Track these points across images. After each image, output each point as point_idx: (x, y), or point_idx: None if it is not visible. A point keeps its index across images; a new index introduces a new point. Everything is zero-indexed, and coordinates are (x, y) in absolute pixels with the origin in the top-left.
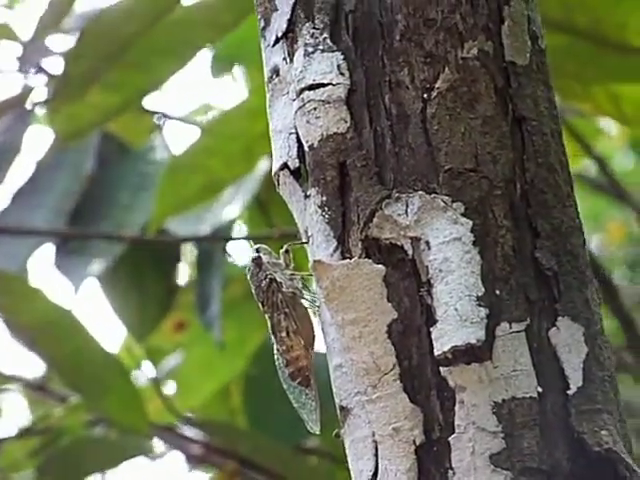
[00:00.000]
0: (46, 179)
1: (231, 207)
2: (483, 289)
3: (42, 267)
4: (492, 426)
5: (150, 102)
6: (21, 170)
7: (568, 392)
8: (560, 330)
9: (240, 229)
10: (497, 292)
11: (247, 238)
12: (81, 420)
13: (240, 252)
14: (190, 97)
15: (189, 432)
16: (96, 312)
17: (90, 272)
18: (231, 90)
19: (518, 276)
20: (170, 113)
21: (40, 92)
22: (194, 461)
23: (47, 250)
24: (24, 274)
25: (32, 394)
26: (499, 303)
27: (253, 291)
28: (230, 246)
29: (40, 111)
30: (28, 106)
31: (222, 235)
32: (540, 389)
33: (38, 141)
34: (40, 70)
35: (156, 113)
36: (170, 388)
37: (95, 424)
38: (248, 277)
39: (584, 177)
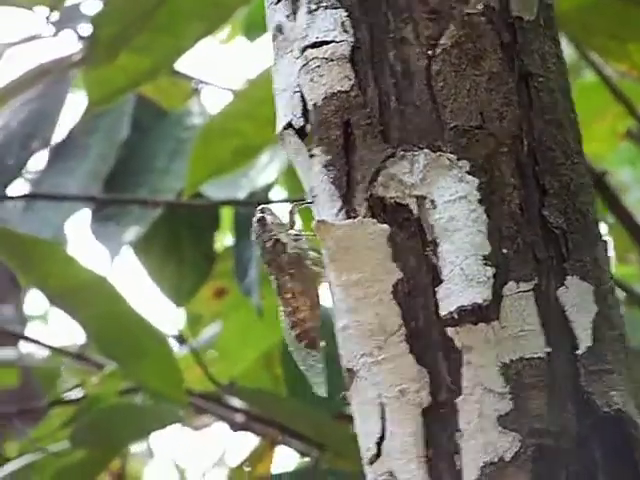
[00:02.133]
0: (81, 144)
1: (268, 171)
2: (490, 248)
3: (79, 233)
4: (499, 387)
5: (187, 67)
6: (59, 136)
7: (577, 352)
8: (569, 289)
9: (278, 193)
10: (504, 251)
11: (285, 201)
12: (117, 388)
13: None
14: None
15: (230, 400)
16: (133, 279)
17: (126, 239)
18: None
19: (525, 235)
20: (207, 78)
21: (76, 57)
22: (235, 429)
23: (83, 216)
24: (60, 240)
25: (73, 363)
26: (506, 262)
27: (258, 252)
28: None
29: (76, 76)
30: (66, 71)
31: (259, 199)
32: (548, 349)
33: (77, 106)
34: (76, 35)
35: (193, 78)
36: (211, 356)
37: (131, 392)
38: (253, 238)
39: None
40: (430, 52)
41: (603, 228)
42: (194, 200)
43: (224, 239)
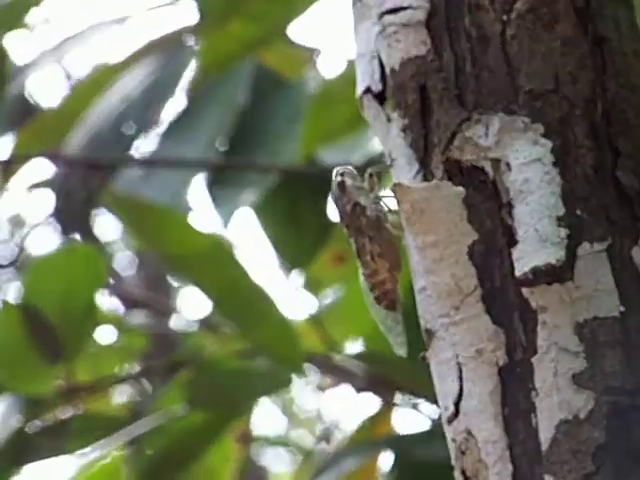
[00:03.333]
0: (199, 111)
1: None
2: (563, 209)
3: (198, 198)
4: (574, 346)
5: (303, 34)
6: (177, 104)
7: None
8: None
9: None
10: (578, 212)
11: (388, 165)
12: (234, 350)
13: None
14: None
15: (352, 364)
16: (253, 244)
17: (241, 203)
18: None
19: (599, 196)
20: (325, 45)
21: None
22: (359, 391)
23: (201, 182)
24: (181, 206)
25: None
26: (580, 223)
27: (337, 215)
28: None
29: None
30: (185, 41)
31: (375, 164)
32: (622, 308)
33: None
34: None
35: (310, 46)
36: (330, 321)
37: (251, 355)
38: (332, 201)
39: None
40: (505, 17)
41: None
42: (312, 166)
43: None
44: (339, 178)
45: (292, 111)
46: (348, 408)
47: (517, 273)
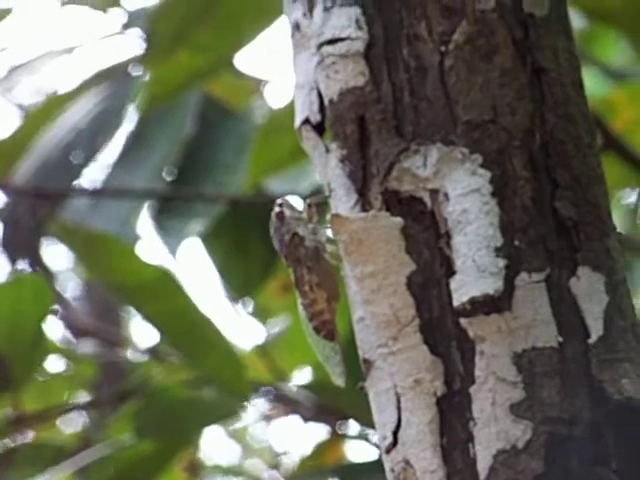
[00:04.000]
0: (146, 140)
1: None
2: (502, 240)
3: (145, 229)
4: (512, 376)
5: (249, 64)
6: (124, 134)
7: (589, 341)
8: (580, 279)
9: None
10: (516, 242)
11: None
12: (182, 380)
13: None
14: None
15: (299, 393)
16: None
17: (188, 234)
18: None
19: (537, 226)
20: (271, 75)
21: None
22: (306, 420)
23: (149, 212)
24: (129, 236)
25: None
26: (518, 253)
27: (276, 246)
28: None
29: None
30: (131, 71)
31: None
32: (560, 339)
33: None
34: (143, 35)
35: (256, 76)
36: (278, 350)
37: (198, 385)
38: (271, 232)
39: None
40: (443, 48)
41: None
42: (259, 196)
43: None
44: (277, 209)
45: (239, 141)
46: (296, 438)
47: (455, 303)
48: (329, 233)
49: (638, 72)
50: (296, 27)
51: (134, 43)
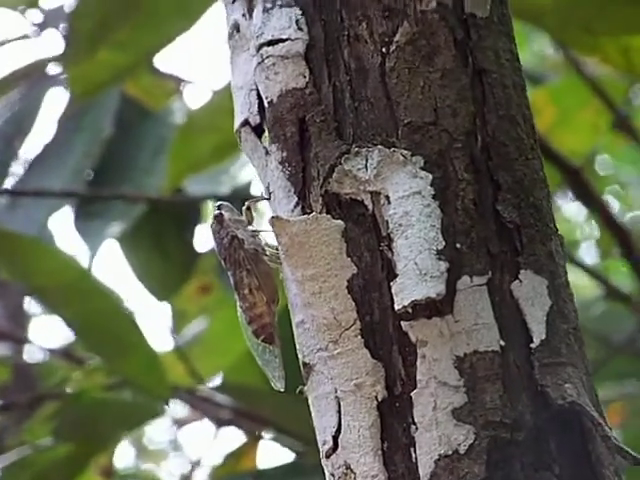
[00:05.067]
0: (66, 142)
1: (249, 166)
2: (443, 243)
3: (63, 229)
4: (454, 380)
5: (169, 66)
6: (42, 134)
7: (531, 345)
8: (523, 283)
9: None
10: (458, 245)
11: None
12: (100, 383)
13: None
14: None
15: (215, 396)
16: (118, 274)
17: (108, 234)
18: None
19: (479, 229)
20: (190, 76)
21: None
22: (220, 425)
23: (67, 212)
24: (45, 237)
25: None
26: (460, 257)
27: (215, 248)
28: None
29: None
30: (48, 71)
31: (241, 195)
32: (502, 342)
33: (59, 104)
34: (60, 35)
35: (176, 77)
36: (195, 352)
37: (116, 387)
38: (210, 235)
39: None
40: (384, 49)
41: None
42: (176, 196)
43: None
44: (217, 211)
45: (157, 142)
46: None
47: (397, 307)
48: (268, 236)
49: (550, 74)
50: (235, 28)
51: (52, 43)
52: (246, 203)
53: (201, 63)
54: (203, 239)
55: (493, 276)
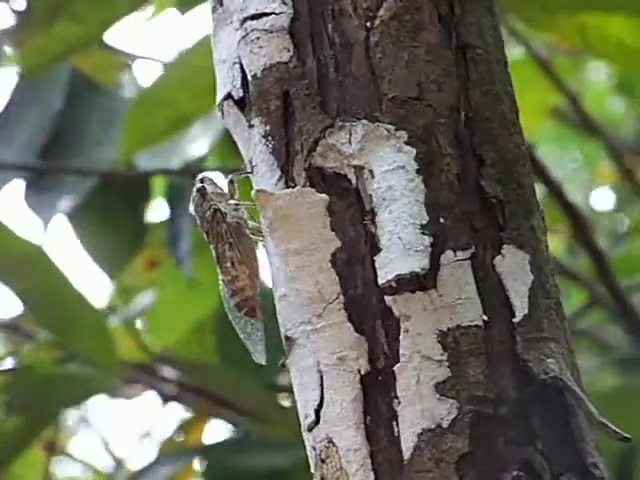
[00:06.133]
0: (16, 115)
1: (200, 142)
2: (427, 217)
3: (13, 203)
4: (437, 355)
5: (120, 40)
6: None
7: (514, 320)
8: (505, 258)
9: (212, 163)
10: (441, 220)
11: (218, 170)
12: (51, 357)
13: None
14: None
15: (162, 370)
16: (68, 249)
17: (60, 208)
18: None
19: (463, 204)
20: (140, 51)
21: (8, 29)
22: (167, 400)
23: (17, 186)
24: None
25: (8, 334)
26: (444, 231)
27: (197, 221)
28: None
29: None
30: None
31: (193, 170)
32: (485, 317)
33: (9, 79)
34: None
35: (125, 52)
36: (143, 326)
37: (66, 361)
38: (192, 207)
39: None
40: (368, 24)
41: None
42: (127, 170)
43: (157, 210)
44: (199, 184)
45: (108, 116)
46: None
47: (380, 281)
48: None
49: None
50: (218, 2)
51: (4, 16)
52: (229, 176)
53: (150, 37)
54: (153, 213)
55: (476, 251)
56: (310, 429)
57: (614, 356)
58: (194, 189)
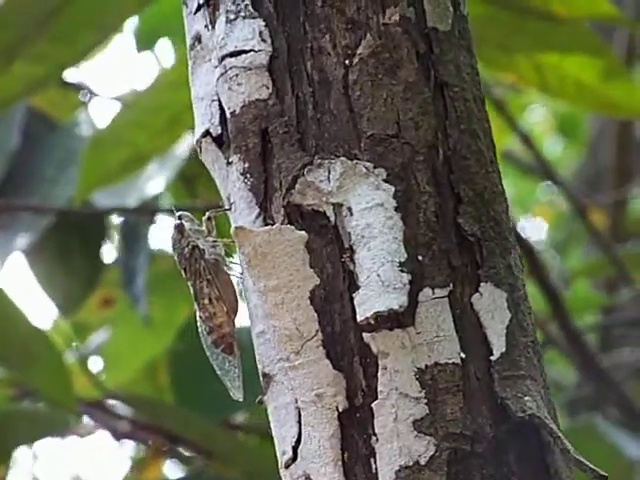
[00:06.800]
0: None
1: (156, 180)
2: (405, 255)
3: None
4: (415, 392)
5: (76, 78)
6: None
7: (491, 358)
8: (483, 296)
9: (166, 202)
10: (420, 258)
11: (172, 210)
12: (6, 394)
13: (166, 226)
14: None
15: (116, 408)
16: (24, 287)
17: (16, 246)
18: (155, 65)
19: (441, 242)
20: (96, 89)
21: None
22: (121, 437)
23: None
24: None
25: None
26: (422, 269)
27: (175, 258)
28: (156, 220)
29: None
30: None
31: (148, 208)
32: (463, 355)
33: None
34: None
35: (82, 89)
36: (97, 364)
37: (21, 398)
38: (170, 244)
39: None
40: (347, 61)
41: None
42: (83, 207)
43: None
44: (177, 221)
45: (64, 154)
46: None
47: (359, 318)
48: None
49: None
50: (197, 39)
51: None
52: (207, 213)
53: (107, 75)
54: (108, 252)
55: (454, 289)
56: (287, 466)
57: (564, 398)
58: (172, 225)
